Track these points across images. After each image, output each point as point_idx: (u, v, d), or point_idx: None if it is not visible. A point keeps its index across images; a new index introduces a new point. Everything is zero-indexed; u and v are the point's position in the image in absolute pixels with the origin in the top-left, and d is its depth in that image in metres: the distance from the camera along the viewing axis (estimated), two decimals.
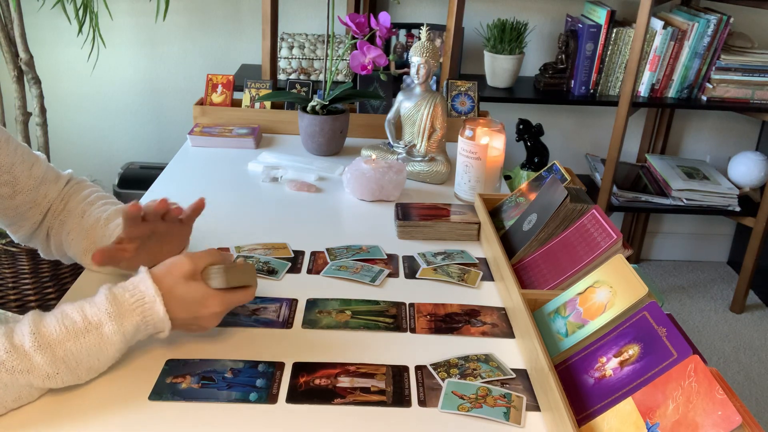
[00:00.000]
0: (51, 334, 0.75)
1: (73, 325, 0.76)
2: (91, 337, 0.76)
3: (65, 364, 0.75)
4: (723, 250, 2.99)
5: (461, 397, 0.81)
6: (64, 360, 0.75)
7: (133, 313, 0.79)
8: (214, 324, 0.86)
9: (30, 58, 2.10)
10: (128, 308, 0.79)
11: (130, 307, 0.79)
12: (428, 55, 1.42)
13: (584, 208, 1.05)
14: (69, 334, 0.75)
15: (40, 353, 0.74)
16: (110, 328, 0.77)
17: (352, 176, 1.35)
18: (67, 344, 0.75)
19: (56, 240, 1.02)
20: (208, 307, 0.83)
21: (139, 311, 0.79)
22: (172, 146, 2.65)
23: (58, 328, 0.75)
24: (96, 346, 0.77)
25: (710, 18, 2.27)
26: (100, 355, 0.78)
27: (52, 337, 0.75)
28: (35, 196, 0.99)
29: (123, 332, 0.78)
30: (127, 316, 0.78)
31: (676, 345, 0.72)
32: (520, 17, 2.44)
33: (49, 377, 0.75)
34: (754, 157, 2.51)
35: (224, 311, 0.85)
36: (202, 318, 0.84)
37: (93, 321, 0.77)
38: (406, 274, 1.10)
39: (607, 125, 2.71)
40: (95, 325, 0.77)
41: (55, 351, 0.74)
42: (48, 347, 0.74)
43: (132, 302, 0.79)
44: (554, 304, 0.92)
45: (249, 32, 2.56)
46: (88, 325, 0.76)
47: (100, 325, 0.77)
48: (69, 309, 0.78)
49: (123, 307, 0.78)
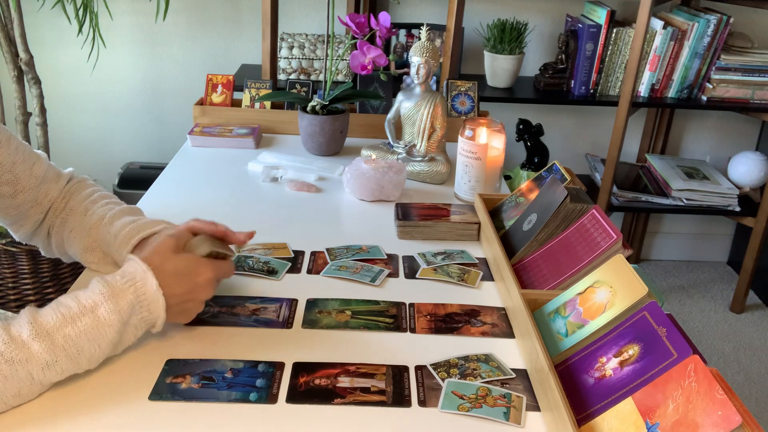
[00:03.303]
0: (48, 322, 0.75)
1: (69, 310, 0.77)
2: (87, 320, 0.77)
3: (65, 351, 0.75)
4: (723, 250, 2.99)
5: (461, 397, 0.81)
6: (64, 347, 0.75)
7: (126, 291, 0.80)
8: (209, 293, 0.88)
9: (30, 58, 2.10)
10: (121, 288, 0.80)
11: (122, 286, 0.80)
12: (428, 55, 1.42)
13: (584, 208, 1.05)
14: (65, 319, 0.76)
15: (38, 341, 0.74)
16: (105, 308, 0.78)
17: (352, 176, 1.35)
18: (64, 330, 0.75)
19: (57, 238, 1.02)
20: (201, 274, 0.86)
21: (132, 289, 0.80)
22: (172, 146, 2.65)
23: (54, 315, 0.76)
24: (94, 328, 0.77)
25: (710, 18, 2.27)
26: (100, 339, 0.78)
27: (50, 325, 0.75)
28: (36, 195, 0.99)
29: (119, 311, 0.79)
30: (120, 295, 0.79)
31: (676, 345, 0.72)
32: (520, 17, 2.44)
33: (48, 365, 0.75)
34: (754, 157, 2.51)
35: (216, 278, 0.88)
36: (197, 287, 0.86)
37: (88, 304, 0.78)
38: (406, 274, 1.10)
39: (607, 125, 2.71)
40: (90, 308, 0.77)
41: (54, 338, 0.75)
42: (46, 335, 0.75)
43: (123, 282, 0.80)
44: (554, 304, 0.92)
45: (249, 32, 2.56)
46: (83, 308, 0.77)
47: (95, 307, 0.78)
48: (63, 298, 0.79)
49: (116, 288, 0.80)
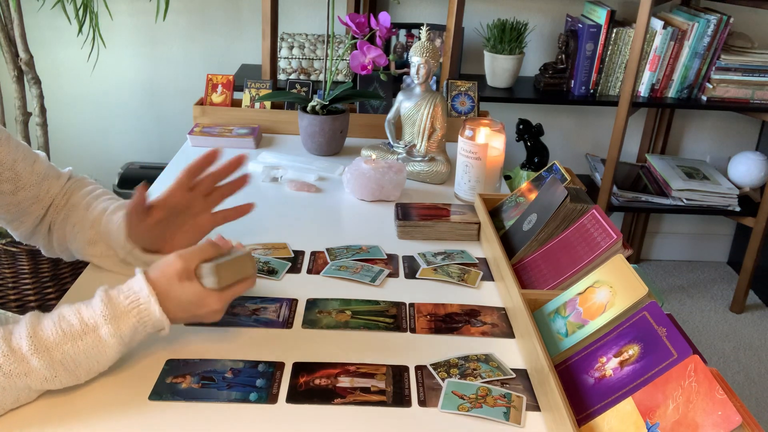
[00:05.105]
0: (48, 338, 0.75)
1: (70, 327, 0.76)
2: (88, 339, 0.76)
3: (63, 366, 0.75)
4: (723, 250, 2.99)
5: (461, 397, 0.81)
6: (62, 362, 0.75)
7: (129, 315, 0.78)
8: (216, 319, 0.86)
9: (30, 58, 2.10)
10: (123, 310, 0.78)
11: (125, 309, 0.78)
12: (428, 55, 1.42)
13: (584, 208, 1.05)
14: (66, 337, 0.75)
15: (37, 357, 0.73)
16: (107, 330, 0.77)
17: (352, 176, 1.35)
18: (64, 347, 0.75)
19: (59, 234, 1.02)
20: (205, 306, 0.83)
21: (135, 312, 0.79)
22: (172, 146, 2.65)
23: (54, 331, 0.75)
24: (94, 348, 0.77)
25: (710, 18, 2.27)
26: (99, 357, 0.77)
27: (50, 341, 0.74)
28: (38, 192, 0.99)
29: (120, 335, 0.78)
30: (123, 319, 0.78)
31: (676, 345, 0.72)
32: (520, 17, 2.44)
33: (47, 380, 0.75)
34: (754, 157, 2.51)
35: (223, 307, 0.85)
36: (201, 316, 0.84)
37: (90, 324, 0.77)
38: (406, 274, 1.10)
39: (607, 125, 2.71)
40: (92, 328, 0.77)
41: (53, 354, 0.74)
42: (45, 351, 0.74)
43: (127, 304, 0.79)
44: (554, 304, 0.92)
45: (249, 32, 2.56)
46: (85, 327, 0.76)
47: (96, 328, 0.77)
48: (66, 311, 0.78)
49: (118, 309, 0.78)
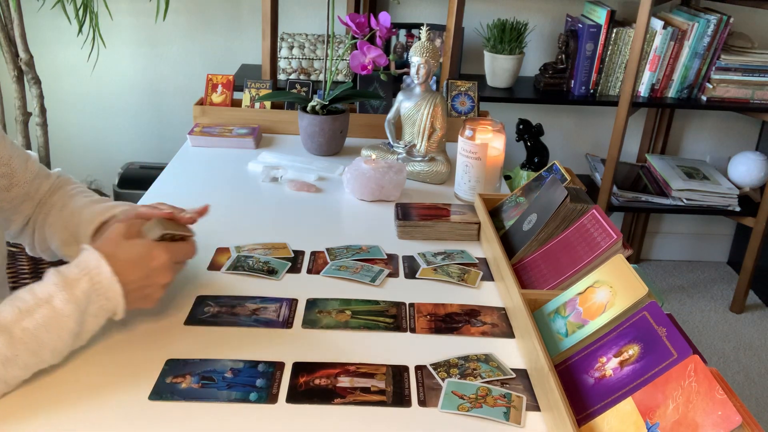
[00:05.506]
0: (5, 317, 0.75)
1: (24, 303, 0.77)
2: (43, 311, 0.76)
3: (24, 345, 0.75)
4: (723, 250, 2.99)
5: (461, 397, 0.81)
6: (23, 340, 0.75)
7: (81, 280, 0.79)
8: (167, 277, 0.87)
9: (30, 58, 2.10)
10: (75, 277, 0.79)
11: (76, 276, 0.80)
12: (428, 55, 1.42)
13: (584, 208, 1.05)
14: (21, 312, 0.76)
15: None
16: (60, 297, 0.77)
17: (352, 176, 1.35)
18: (22, 323, 0.75)
19: (40, 234, 1.03)
20: (156, 258, 0.85)
21: (87, 278, 0.80)
22: (172, 146, 2.65)
23: (10, 309, 0.76)
24: (51, 319, 0.77)
25: (710, 18, 2.27)
26: (59, 330, 0.77)
27: (7, 319, 0.75)
28: (29, 189, 1.01)
29: (75, 301, 0.78)
30: (75, 285, 0.79)
31: (676, 345, 0.72)
32: (520, 17, 2.44)
33: (9, 360, 0.74)
34: (754, 157, 2.51)
35: (172, 260, 0.87)
36: (154, 272, 0.85)
37: (43, 296, 0.78)
38: (406, 274, 1.10)
39: (607, 125, 2.71)
40: (45, 299, 0.77)
41: (12, 332, 0.75)
42: (4, 329, 0.74)
43: (78, 271, 0.80)
44: (554, 304, 0.92)
45: (249, 32, 2.56)
46: (39, 300, 0.77)
47: (50, 298, 0.77)
48: (19, 291, 0.79)
49: (70, 277, 0.79)
